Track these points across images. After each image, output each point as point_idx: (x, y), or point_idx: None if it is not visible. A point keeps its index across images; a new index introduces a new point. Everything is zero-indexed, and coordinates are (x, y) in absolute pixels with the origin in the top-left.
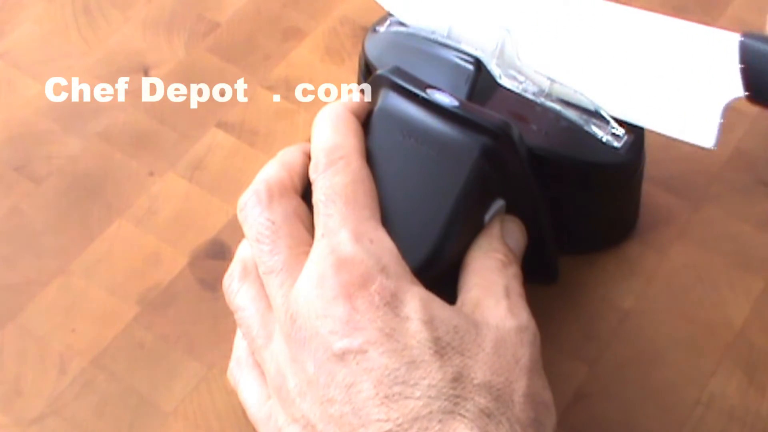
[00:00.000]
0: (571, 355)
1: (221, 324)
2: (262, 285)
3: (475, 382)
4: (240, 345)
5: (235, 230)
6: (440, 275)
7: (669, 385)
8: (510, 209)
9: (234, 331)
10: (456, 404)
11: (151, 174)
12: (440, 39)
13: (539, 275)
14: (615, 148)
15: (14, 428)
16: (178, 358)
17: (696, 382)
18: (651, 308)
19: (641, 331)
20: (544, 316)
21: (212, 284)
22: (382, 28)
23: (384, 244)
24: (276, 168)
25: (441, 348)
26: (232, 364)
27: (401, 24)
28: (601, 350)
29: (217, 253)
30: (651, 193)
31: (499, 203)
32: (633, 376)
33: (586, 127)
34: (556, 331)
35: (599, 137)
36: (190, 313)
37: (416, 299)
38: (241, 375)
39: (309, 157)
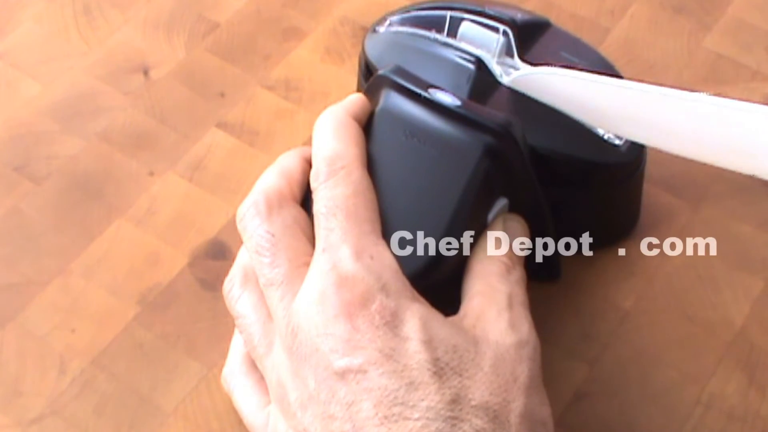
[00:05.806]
0: (571, 354)
1: (221, 324)
2: (263, 293)
3: (473, 403)
4: (234, 351)
5: (235, 230)
6: (444, 276)
7: (669, 385)
8: (513, 208)
9: (233, 332)
10: (453, 426)
11: (151, 174)
12: (441, 38)
13: (542, 273)
14: (616, 147)
15: (14, 428)
16: (178, 358)
17: (696, 382)
18: (651, 308)
19: (641, 331)
20: (544, 316)
21: (212, 284)
22: (382, 28)
23: (384, 259)
24: (275, 177)
25: (440, 369)
26: (226, 371)
27: (401, 24)
28: (601, 350)
29: (217, 253)
30: (651, 192)
31: (501, 202)
32: (633, 376)
33: (587, 125)
34: (556, 331)
35: (601, 135)
36: (190, 313)
37: (416, 318)
38: (236, 382)
39: (309, 163)
